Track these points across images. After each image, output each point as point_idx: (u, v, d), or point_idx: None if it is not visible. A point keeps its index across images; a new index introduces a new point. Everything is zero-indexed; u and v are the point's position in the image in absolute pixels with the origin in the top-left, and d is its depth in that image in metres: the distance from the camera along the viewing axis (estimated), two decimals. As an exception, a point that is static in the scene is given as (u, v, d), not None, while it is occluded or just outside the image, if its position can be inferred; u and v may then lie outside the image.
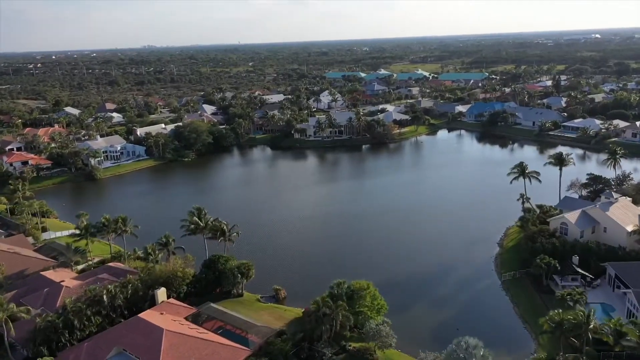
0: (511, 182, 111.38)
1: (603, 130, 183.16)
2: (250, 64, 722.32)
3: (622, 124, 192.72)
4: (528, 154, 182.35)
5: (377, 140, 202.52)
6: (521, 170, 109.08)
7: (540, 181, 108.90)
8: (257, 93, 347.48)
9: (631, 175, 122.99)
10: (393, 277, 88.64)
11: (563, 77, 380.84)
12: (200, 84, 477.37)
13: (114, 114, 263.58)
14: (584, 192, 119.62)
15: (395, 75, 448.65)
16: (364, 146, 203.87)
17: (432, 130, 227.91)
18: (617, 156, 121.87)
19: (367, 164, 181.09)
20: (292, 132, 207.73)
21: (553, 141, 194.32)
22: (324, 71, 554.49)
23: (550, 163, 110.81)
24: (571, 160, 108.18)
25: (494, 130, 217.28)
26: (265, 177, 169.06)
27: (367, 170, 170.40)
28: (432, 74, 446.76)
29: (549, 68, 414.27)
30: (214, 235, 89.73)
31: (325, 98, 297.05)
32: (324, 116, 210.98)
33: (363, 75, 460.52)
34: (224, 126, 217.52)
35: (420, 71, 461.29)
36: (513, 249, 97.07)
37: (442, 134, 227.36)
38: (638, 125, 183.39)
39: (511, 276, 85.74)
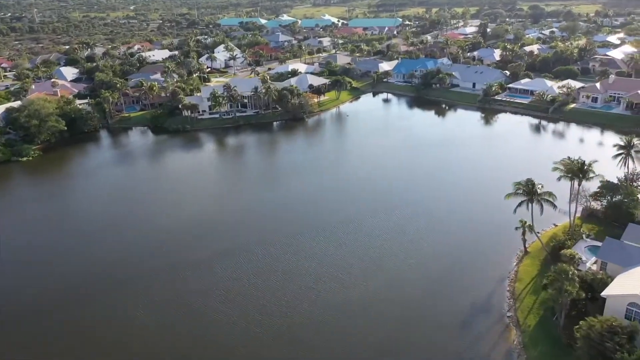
0: (515, 212, 74.50)
1: (561, 95, 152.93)
2: (131, 7, 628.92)
3: (571, 83, 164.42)
4: (488, 129, 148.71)
5: (292, 114, 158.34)
6: (529, 192, 71.99)
7: (555, 207, 73.05)
8: (136, 47, 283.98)
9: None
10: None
11: (477, 23, 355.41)
12: (68, 35, 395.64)
13: None
14: (594, 204, 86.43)
15: (299, 21, 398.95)
16: (275, 123, 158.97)
17: (355, 96, 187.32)
18: (633, 149, 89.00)
19: (281, 152, 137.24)
20: (180, 107, 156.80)
21: (501, 108, 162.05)
22: (218, 17, 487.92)
23: (564, 177, 75.29)
24: (593, 173, 73.28)
25: (428, 94, 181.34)
26: (144, 182, 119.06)
27: (282, 164, 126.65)
28: (341, 20, 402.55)
29: (464, 12, 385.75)
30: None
31: (221, 55, 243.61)
32: (222, 85, 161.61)
33: (263, 22, 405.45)
34: (86, 101, 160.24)
35: (327, 17, 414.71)
36: (541, 326, 61.18)
37: (367, 100, 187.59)
38: (598, 86, 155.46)
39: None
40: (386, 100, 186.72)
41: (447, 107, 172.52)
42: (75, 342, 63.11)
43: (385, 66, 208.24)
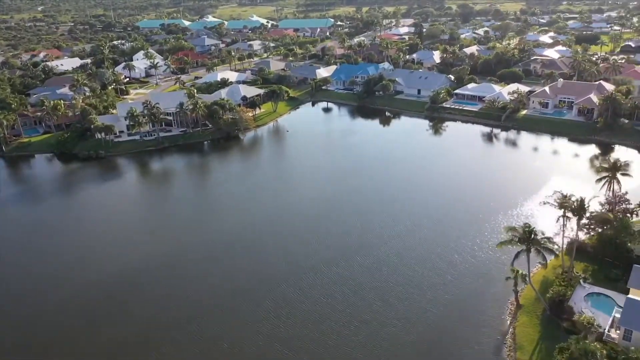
0: (512, 263, 61.66)
1: (512, 101, 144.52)
2: (39, 8, 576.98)
3: (520, 88, 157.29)
4: (441, 141, 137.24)
5: (225, 132, 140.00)
6: (526, 239, 59.26)
7: (557, 255, 61.05)
8: (42, 55, 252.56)
9: (627, 196, 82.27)
10: None
11: (409, 22, 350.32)
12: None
13: None
14: (582, 235, 75.57)
15: (226, 23, 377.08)
16: (206, 143, 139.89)
17: (294, 106, 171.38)
18: (619, 172, 79.15)
19: (213, 181, 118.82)
20: (92, 130, 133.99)
21: (451, 116, 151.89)
22: (137, 19, 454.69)
23: (562, 210, 63.49)
24: (590, 208, 62.07)
25: (372, 102, 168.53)
26: (43, 228, 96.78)
27: (213, 197, 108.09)
28: (270, 21, 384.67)
29: (396, 11, 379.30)
30: None
31: (140, 63, 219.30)
32: (143, 101, 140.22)
33: (187, 24, 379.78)
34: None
35: (255, 17, 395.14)
36: None
37: (307, 110, 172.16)
38: (548, 91, 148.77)
39: None
40: (327, 110, 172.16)
41: (393, 117, 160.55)
42: None
43: (323, 72, 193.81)
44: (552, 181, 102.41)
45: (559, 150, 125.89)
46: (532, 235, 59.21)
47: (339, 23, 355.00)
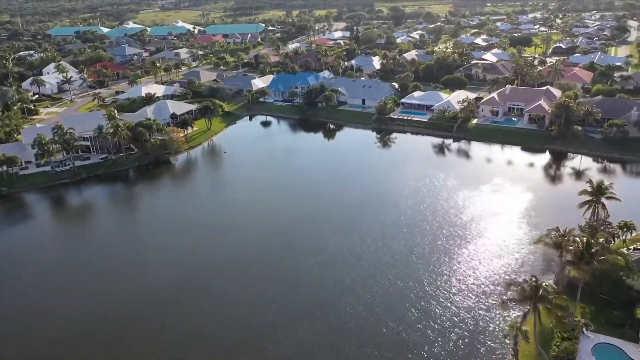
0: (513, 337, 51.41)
1: (463, 110, 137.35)
2: None
3: (468, 95, 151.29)
4: (393, 156, 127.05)
5: (154, 157, 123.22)
6: (531, 296, 49.26)
7: (570, 315, 51.48)
8: None
9: (609, 220, 75.33)
10: None
11: (341, 26, 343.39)
12: None
13: None
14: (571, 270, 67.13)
15: (148, 29, 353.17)
16: (131, 171, 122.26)
17: (230, 122, 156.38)
18: (606, 194, 71.64)
19: (139, 219, 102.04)
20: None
21: (400, 128, 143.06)
22: (49, 26, 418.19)
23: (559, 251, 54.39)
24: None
25: (314, 114, 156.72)
26: None
27: (139, 240, 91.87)
28: (196, 27, 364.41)
29: (328, 14, 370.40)
30: None
31: (52, 77, 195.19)
32: (53, 126, 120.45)
33: (105, 31, 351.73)
34: None
35: (180, 23, 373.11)
36: None
37: (244, 126, 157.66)
38: (497, 98, 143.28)
39: None
40: (267, 125, 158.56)
41: (338, 130, 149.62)
42: None
43: (259, 82, 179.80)
44: (519, 200, 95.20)
45: (517, 161, 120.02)
46: (539, 292, 49.21)
47: (270, 28, 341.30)
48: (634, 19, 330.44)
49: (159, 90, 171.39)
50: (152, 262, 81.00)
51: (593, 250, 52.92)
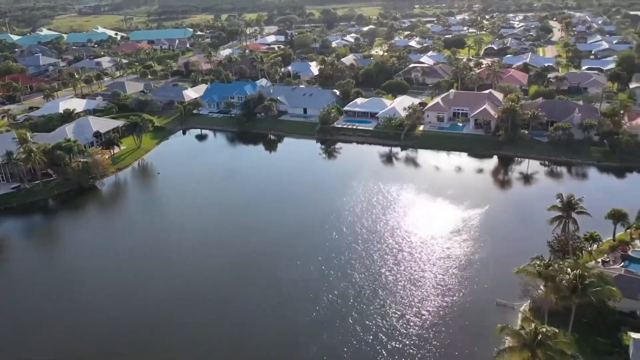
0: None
1: (409, 117, 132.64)
2: None
3: (407, 100, 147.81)
4: (344, 170, 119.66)
5: (76, 183, 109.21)
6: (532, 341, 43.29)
7: None
8: None
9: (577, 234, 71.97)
10: None
11: (273, 30, 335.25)
12: None
13: None
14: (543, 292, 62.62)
15: (65, 36, 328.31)
16: (50, 200, 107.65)
17: (162, 138, 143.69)
18: (577, 208, 67.82)
19: (59, 261, 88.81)
20: None
21: (346, 138, 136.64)
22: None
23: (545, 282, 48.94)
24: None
25: (254, 126, 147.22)
26: None
27: (58, 287, 79.29)
28: (119, 33, 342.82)
29: (259, 18, 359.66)
30: None
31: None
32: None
33: (16, 38, 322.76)
34: None
35: (101, 29, 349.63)
36: None
37: (178, 142, 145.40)
38: (442, 104, 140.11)
39: None
40: (202, 139, 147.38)
41: (280, 142, 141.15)
42: None
43: (191, 93, 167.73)
44: (477, 214, 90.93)
45: (468, 169, 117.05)
46: (539, 337, 43.36)
47: (199, 33, 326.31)
48: (554, 19, 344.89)
49: (79, 105, 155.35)
50: (75, 310, 68.90)
51: (587, 282, 47.91)
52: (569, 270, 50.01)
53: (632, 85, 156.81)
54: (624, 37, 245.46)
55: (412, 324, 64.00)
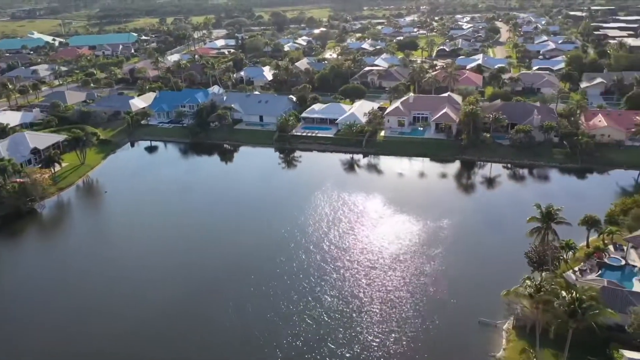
0: None
1: (370, 123, 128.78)
2: None
3: (366, 105, 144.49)
4: (304, 183, 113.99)
5: (13, 206, 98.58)
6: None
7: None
8: None
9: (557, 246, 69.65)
10: None
11: (222, 33, 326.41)
12: None
13: None
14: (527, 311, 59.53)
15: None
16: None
17: (108, 152, 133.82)
18: (556, 218, 65.32)
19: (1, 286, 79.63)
20: None
21: (306, 146, 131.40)
22: None
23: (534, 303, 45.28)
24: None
25: (208, 137, 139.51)
26: None
27: (9, 307, 70.66)
28: (56, 39, 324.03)
29: (207, 21, 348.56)
30: None
31: None
32: None
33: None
34: None
35: (37, 34, 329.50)
36: None
37: (126, 156, 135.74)
38: (401, 108, 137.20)
39: None
40: (152, 151, 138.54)
41: (237, 152, 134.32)
42: None
43: (139, 102, 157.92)
44: (449, 225, 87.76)
45: (432, 175, 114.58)
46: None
47: (144, 37, 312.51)
48: (500, 20, 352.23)
49: (13, 118, 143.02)
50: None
51: (585, 305, 44.73)
52: (563, 293, 46.72)
53: (582, 85, 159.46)
54: (567, 37, 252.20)
55: (392, 352, 59.51)
